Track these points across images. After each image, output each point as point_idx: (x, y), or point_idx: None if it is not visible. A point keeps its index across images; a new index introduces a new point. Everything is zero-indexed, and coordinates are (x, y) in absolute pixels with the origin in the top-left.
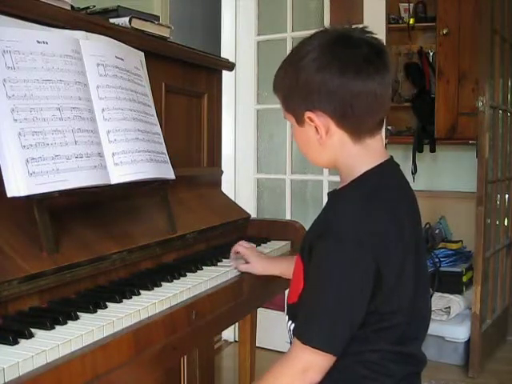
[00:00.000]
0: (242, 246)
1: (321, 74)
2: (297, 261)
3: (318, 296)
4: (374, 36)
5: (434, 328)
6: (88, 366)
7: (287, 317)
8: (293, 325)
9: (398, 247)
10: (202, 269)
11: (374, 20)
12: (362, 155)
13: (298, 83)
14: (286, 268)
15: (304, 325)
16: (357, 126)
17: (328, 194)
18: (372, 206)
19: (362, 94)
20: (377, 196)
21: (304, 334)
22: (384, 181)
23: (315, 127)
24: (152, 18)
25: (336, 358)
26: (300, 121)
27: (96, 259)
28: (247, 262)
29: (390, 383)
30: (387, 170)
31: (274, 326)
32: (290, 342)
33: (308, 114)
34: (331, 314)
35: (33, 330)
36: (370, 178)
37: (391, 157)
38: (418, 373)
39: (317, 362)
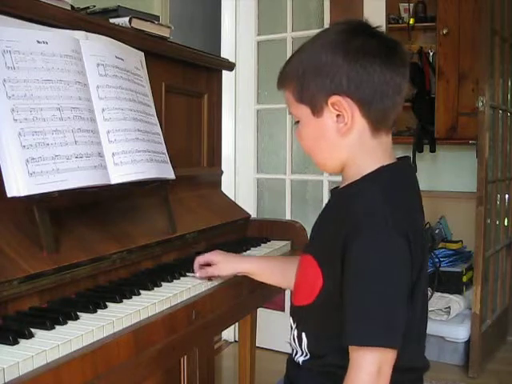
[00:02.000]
0: (203, 257)
1: (351, 57)
2: (308, 261)
3: (367, 295)
4: None
5: (433, 328)
6: (88, 366)
7: (292, 318)
8: (295, 331)
9: (417, 243)
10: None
11: (374, 20)
12: (377, 151)
13: (323, 66)
14: (258, 266)
15: (360, 328)
16: (381, 117)
17: (331, 191)
18: (394, 199)
19: (390, 84)
20: (393, 191)
21: (364, 337)
22: (399, 178)
23: (337, 115)
24: (152, 18)
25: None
26: (318, 110)
27: (96, 259)
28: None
29: None
30: (402, 169)
31: (274, 326)
32: (290, 346)
33: (334, 98)
34: (386, 308)
35: (33, 330)
36: (386, 173)
37: (408, 156)
38: (421, 375)
39: (386, 359)
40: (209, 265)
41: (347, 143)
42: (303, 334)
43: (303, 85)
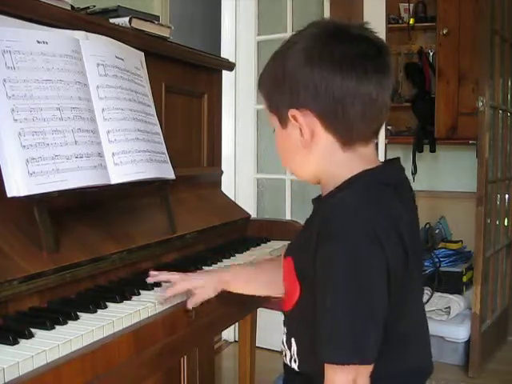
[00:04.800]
0: (174, 290)
1: (309, 66)
2: (289, 264)
3: (336, 308)
4: (376, 34)
5: (433, 328)
6: (88, 366)
7: (283, 323)
8: (285, 335)
9: (397, 244)
10: (202, 269)
11: (374, 20)
12: (352, 163)
13: (282, 76)
14: (233, 276)
15: (331, 345)
16: (348, 131)
17: (313, 200)
18: (370, 202)
19: (355, 95)
20: (373, 193)
21: (335, 354)
22: (379, 180)
23: (300, 128)
24: (152, 18)
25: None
26: (283, 121)
27: (96, 259)
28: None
29: None
30: (384, 171)
31: (273, 326)
32: (282, 349)
33: (292, 111)
34: (358, 321)
35: (33, 330)
36: (364, 177)
37: (397, 158)
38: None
39: (360, 373)
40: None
41: (314, 157)
42: (292, 340)
43: (270, 96)
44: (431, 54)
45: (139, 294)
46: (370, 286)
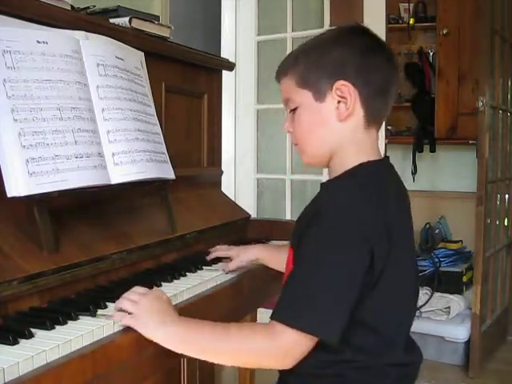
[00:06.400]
0: (220, 251)
1: (359, 48)
2: (289, 251)
3: (311, 280)
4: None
5: (433, 328)
6: (88, 366)
7: None
8: None
9: (386, 239)
10: (202, 269)
11: (374, 20)
12: (366, 144)
13: (330, 55)
14: (266, 253)
15: (292, 307)
16: (376, 109)
17: (321, 184)
18: (364, 195)
19: (390, 82)
20: (369, 188)
21: (292, 317)
22: (378, 176)
23: (338, 101)
24: (152, 18)
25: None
26: (321, 94)
27: (96, 259)
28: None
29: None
30: (382, 168)
31: None
32: None
33: (341, 82)
34: (327, 297)
35: (33, 330)
36: (364, 170)
37: (388, 157)
38: (411, 369)
39: (301, 345)
40: (219, 260)
41: (343, 129)
42: None
43: (310, 69)
44: (431, 54)
45: None
46: (349, 276)
